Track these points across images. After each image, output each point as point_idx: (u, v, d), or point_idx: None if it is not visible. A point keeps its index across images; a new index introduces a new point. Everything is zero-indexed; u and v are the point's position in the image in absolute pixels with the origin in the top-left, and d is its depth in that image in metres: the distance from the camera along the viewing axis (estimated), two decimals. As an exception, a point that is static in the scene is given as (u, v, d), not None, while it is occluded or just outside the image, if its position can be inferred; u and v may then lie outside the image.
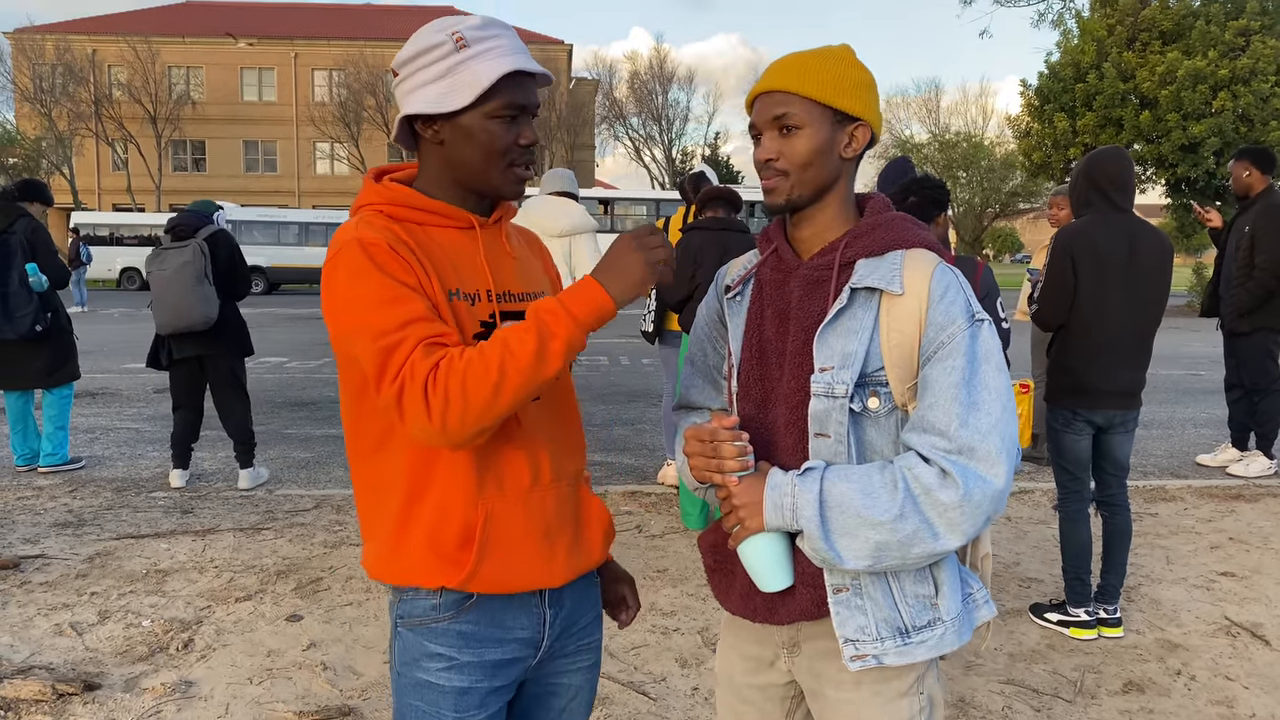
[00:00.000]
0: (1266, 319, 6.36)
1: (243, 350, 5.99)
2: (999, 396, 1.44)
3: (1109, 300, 3.70)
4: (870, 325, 1.48)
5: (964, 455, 1.41)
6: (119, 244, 31.92)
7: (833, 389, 1.48)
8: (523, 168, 1.54)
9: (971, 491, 1.40)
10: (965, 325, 1.45)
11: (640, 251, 1.42)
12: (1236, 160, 6.49)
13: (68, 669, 3.48)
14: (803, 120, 1.50)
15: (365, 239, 1.43)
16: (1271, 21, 24.10)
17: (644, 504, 5.77)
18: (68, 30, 46.12)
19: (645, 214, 28.89)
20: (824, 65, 1.51)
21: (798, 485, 1.45)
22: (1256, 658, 3.70)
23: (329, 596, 4.23)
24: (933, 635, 1.51)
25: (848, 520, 1.42)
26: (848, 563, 1.44)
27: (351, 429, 1.57)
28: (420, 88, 1.49)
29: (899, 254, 1.51)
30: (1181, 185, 25.82)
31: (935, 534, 1.41)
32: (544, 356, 1.36)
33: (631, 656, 3.64)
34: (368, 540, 1.58)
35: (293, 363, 12.61)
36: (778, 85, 1.51)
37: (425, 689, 1.54)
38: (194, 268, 5.59)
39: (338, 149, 47.62)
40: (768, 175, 1.54)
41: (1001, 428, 1.43)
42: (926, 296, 1.46)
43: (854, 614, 1.50)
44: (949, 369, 1.43)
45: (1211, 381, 11.12)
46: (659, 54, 56.83)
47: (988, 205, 46.43)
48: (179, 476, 6.05)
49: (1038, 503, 5.85)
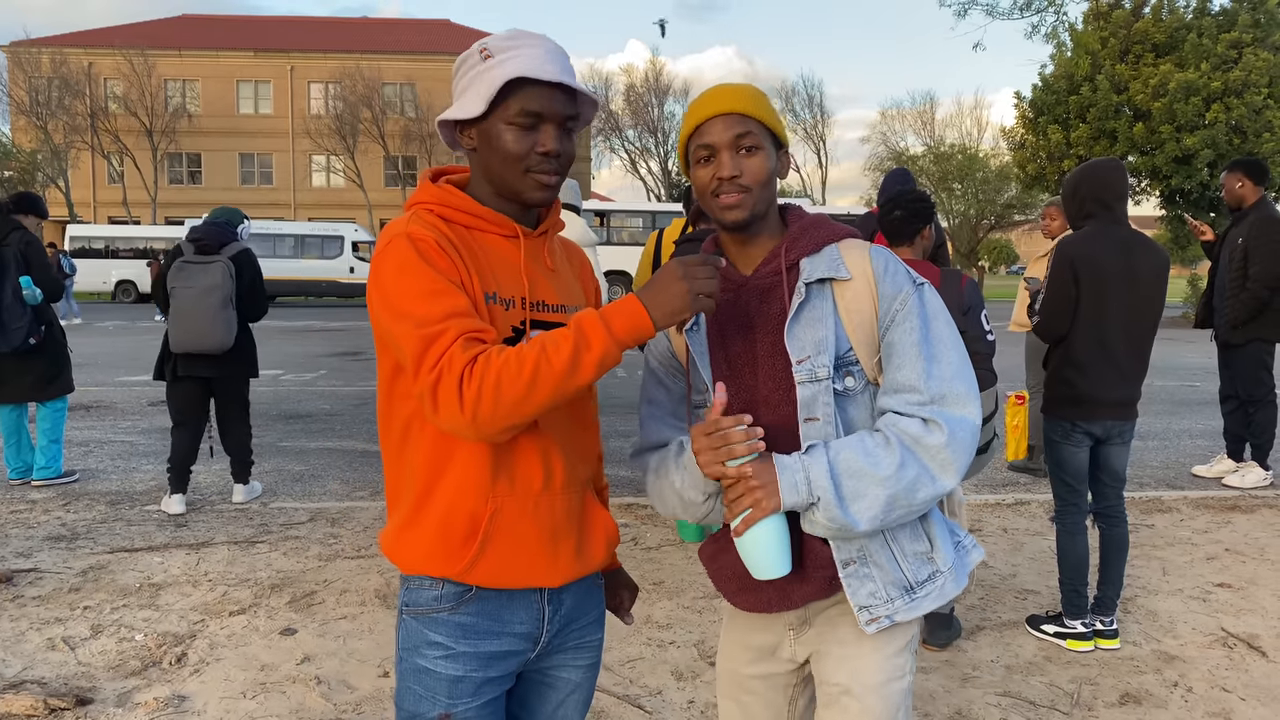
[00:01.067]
0: (1260, 330, 6.37)
1: (249, 373, 5.92)
2: (953, 347, 1.62)
3: (1108, 311, 3.70)
4: (830, 312, 1.63)
5: (937, 403, 1.58)
6: (114, 257, 31.91)
7: (815, 373, 1.61)
8: (544, 174, 1.58)
9: (955, 431, 1.56)
10: (912, 291, 1.63)
11: (685, 281, 1.45)
12: (1229, 172, 6.51)
13: (60, 683, 3.46)
14: (760, 142, 1.63)
15: (415, 234, 1.50)
16: (1263, 34, 24.27)
17: (639, 516, 5.76)
18: (64, 43, 46.14)
19: (640, 226, 28.92)
20: (764, 97, 1.67)
21: (806, 460, 1.56)
22: (1253, 669, 3.69)
23: (323, 610, 4.21)
24: (934, 587, 1.66)
25: (858, 483, 1.54)
26: (861, 525, 1.55)
27: (383, 415, 1.63)
28: (456, 99, 1.60)
29: (833, 246, 1.68)
30: (1176, 197, 25.94)
31: (932, 476, 1.56)
32: (577, 366, 1.41)
33: (627, 669, 3.63)
34: (390, 518, 1.65)
35: (288, 375, 12.60)
36: (739, 108, 1.62)
37: (423, 674, 1.60)
38: (223, 291, 5.48)
39: (334, 162, 47.65)
40: (729, 192, 1.62)
41: (962, 372, 1.61)
42: (872, 275, 1.64)
43: (864, 582, 1.63)
44: (908, 330, 1.61)
45: (1207, 393, 11.14)
46: (654, 66, 56.93)
47: (983, 217, 46.56)
48: (178, 502, 5.73)
49: (1034, 514, 5.84)
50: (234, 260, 5.66)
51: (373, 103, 44.79)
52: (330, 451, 7.67)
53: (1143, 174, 25.85)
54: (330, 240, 31.73)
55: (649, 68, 56.16)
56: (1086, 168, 3.84)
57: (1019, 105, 28.10)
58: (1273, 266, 6.18)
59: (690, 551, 5.08)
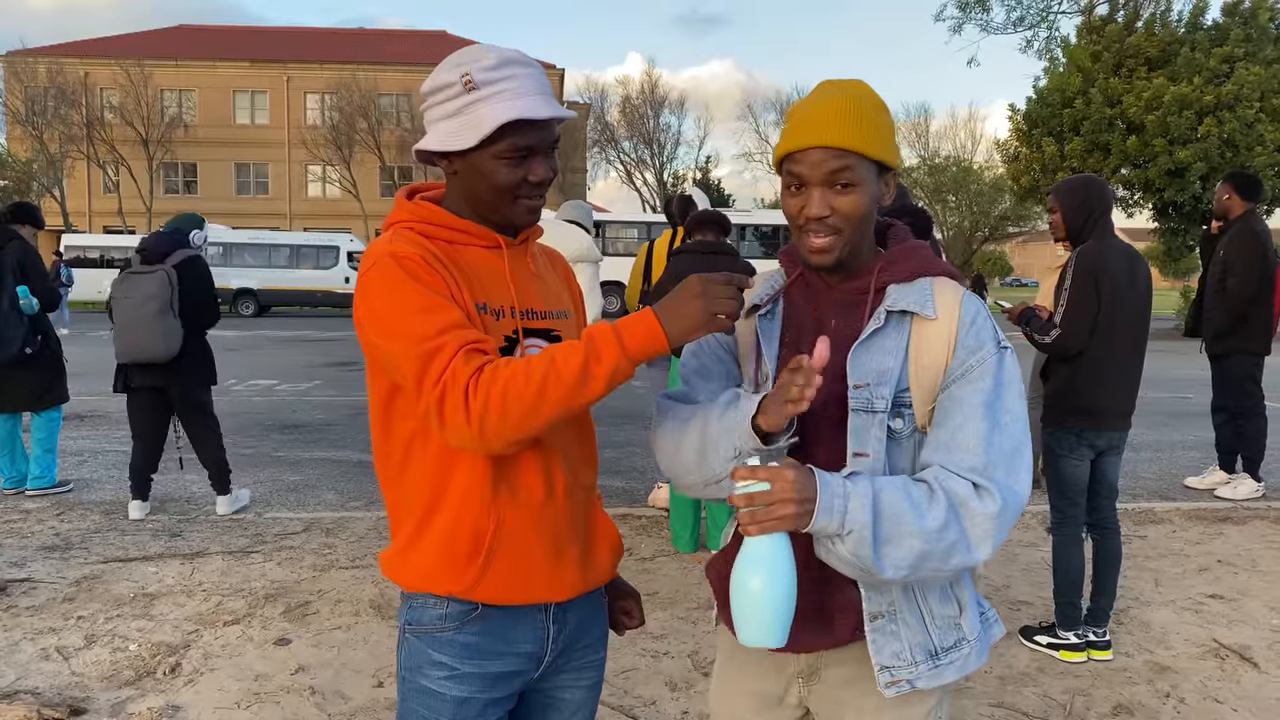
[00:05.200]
0: (1242, 342, 6.41)
1: (205, 380, 5.84)
2: (1019, 420, 1.50)
3: (1120, 322, 3.73)
4: (903, 346, 1.51)
5: (988, 472, 1.44)
6: (109, 266, 31.82)
7: (872, 404, 1.50)
8: (534, 200, 1.57)
9: (1008, 502, 1.44)
10: (994, 350, 1.50)
11: (703, 299, 1.40)
12: (1221, 183, 6.58)
13: (54, 693, 3.45)
14: (859, 178, 1.47)
15: (399, 252, 1.48)
16: (1255, 49, 24.42)
17: (634, 527, 5.76)
18: (60, 53, 46.18)
19: (636, 237, 28.96)
20: (873, 118, 1.49)
21: (850, 485, 1.40)
22: (1245, 680, 3.71)
23: (317, 620, 4.21)
24: (960, 655, 1.55)
25: (896, 528, 1.40)
26: (886, 572, 1.40)
27: (379, 436, 1.61)
28: (434, 123, 1.54)
29: (928, 281, 1.56)
30: (1168, 209, 26.06)
31: (970, 545, 1.43)
32: (587, 378, 1.38)
33: (622, 680, 3.63)
34: (393, 539, 1.63)
35: (283, 385, 12.58)
36: (838, 142, 1.45)
37: (427, 695, 1.58)
38: (159, 301, 5.45)
39: (329, 172, 47.68)
40: (819, 232, 1.50)
41: (1022, 449, 1.49)
42: (957, 321, 1.51)
43: (889, 640, 1.52)
44: (978, 390, 1.48)
45: (1199, 405, 11.16)
46: (650, 78, 57.21)
47: (977, 229, 46.73)
48: (138, 508, 5.82)
49: (1028, 525, 5.86)
50: (177, 268, 5.62)
51: (369, 113, 44.84)
52: (325, 462, 7.66)
53: (1136, 187, 25.96)
54: (326, 250, 31.71)
55: (644, 79, 56.40)
56: (1093, 181, 3.86)
57: (1013, 118, 28.24)
58: (1250, 279, 6.23)
59: (685, 562, 5.09)
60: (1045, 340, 3.80)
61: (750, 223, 28.78)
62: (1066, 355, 3.77)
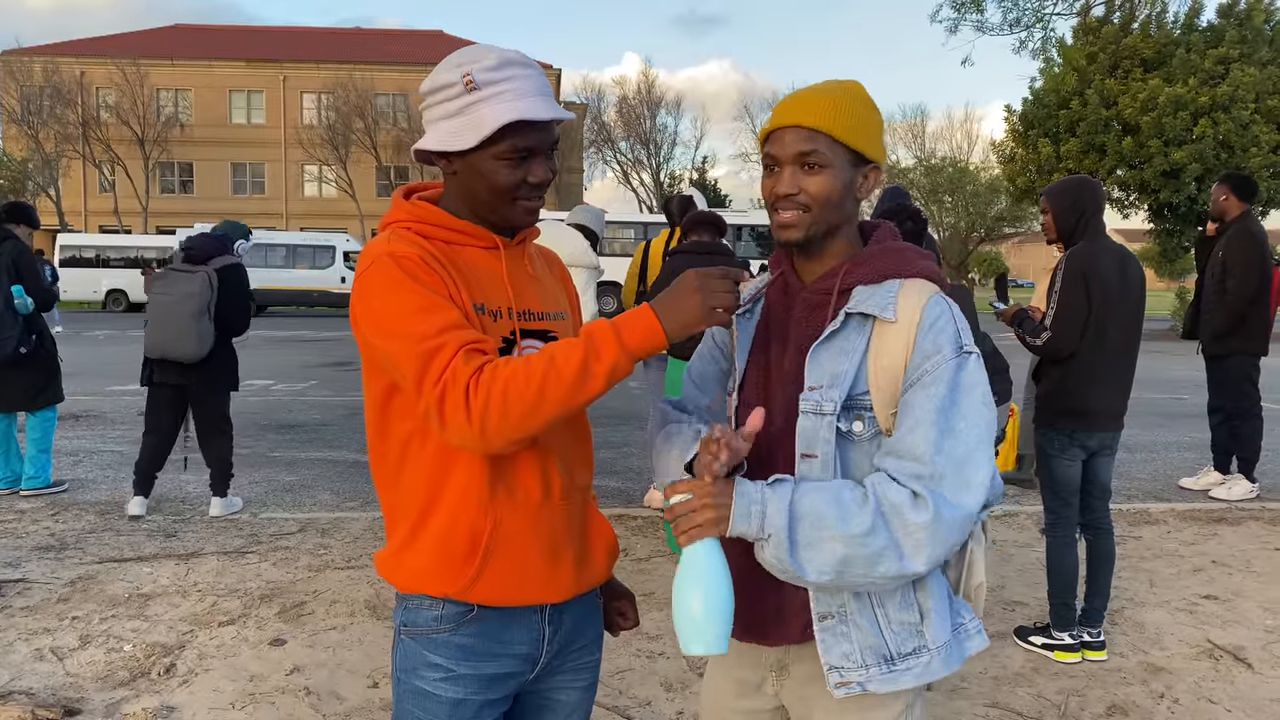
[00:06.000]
0: (1241, 343, 6.43)
1: (228, 384, 5.90)
2: (976, 427, 1.46)
3: (1111, 323, 3.73)
4: (861, 349, 1.51)
5: (934, 480, 1.42)
6: (105, 266, 31.78)
7: (820, 406, 1.50)
8: (533, 201, 1.57)
9: (941, 514, 1.41)
10: (952, 355, 1.47)
11: (701, 293, 1.41)
12: (1218, 184, 6.59)
13: (48, 694, 3.45)
14: (828, 159, 1.51)
15: (397, 252, 1.48)
16: (1250, 50, 24.48)
17: (630, 527, 5.76)
18: (56, 53, 46.10)
19: (632, 238, 28.93)
20: (852, 108, 1.53)
21: (768, 492, 1.43)
22: (1239, 680, 3.72)
23: (313, 621, 4.21)
24: (918, 663, 1.52)
25: (817, 532, 1.41)
26: (808, 575, 1.42)
27: (376, 437, 1.60)
28: (434, 123, 1.54)
29: (896, 283, 1.55)
30: (1164, 211, 26.10)
31: (901, 554, 1.41)
32: (587, 376, 1.38)
33: (617, 680, 3.63)
34: (389, 541, 1.63)
35: (279, 385, 12.57)
36: (808, 122, 1.51)
37: (422, 697, 1.58)
38: (198, 300, 5.51)
39: (326, 171, 47.66)
40: (787, 208, 1.54)
41: (976, 457, 1.45)
42: (916, 325, 1.49)
43: (839, 640, 1.52)
44: (930, 395, 1.45)
45: (1194, 405, 11.18)
46: (647, 78, 57.21)
47: (973, 230, 46.76)
48: (139, 504, 5.81)
49: (1023, 526, 5.87)
50: (218, 272, 5.68)
51: (365, 113, 44.83)
52: (321, 462, 7.66)
53: (1131, 188, 26.02)
54: (322, 250, 31.69)
55: (641, 79, 56.40)
56: (1084, 182, 3.86)
57: (1009, 119, 28.28)
58: (1249, 280, 6.25)
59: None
60: (1036, 342, 3.81)
61: (746, 223, 28.78)
62: (1058, 357, 3.79)
